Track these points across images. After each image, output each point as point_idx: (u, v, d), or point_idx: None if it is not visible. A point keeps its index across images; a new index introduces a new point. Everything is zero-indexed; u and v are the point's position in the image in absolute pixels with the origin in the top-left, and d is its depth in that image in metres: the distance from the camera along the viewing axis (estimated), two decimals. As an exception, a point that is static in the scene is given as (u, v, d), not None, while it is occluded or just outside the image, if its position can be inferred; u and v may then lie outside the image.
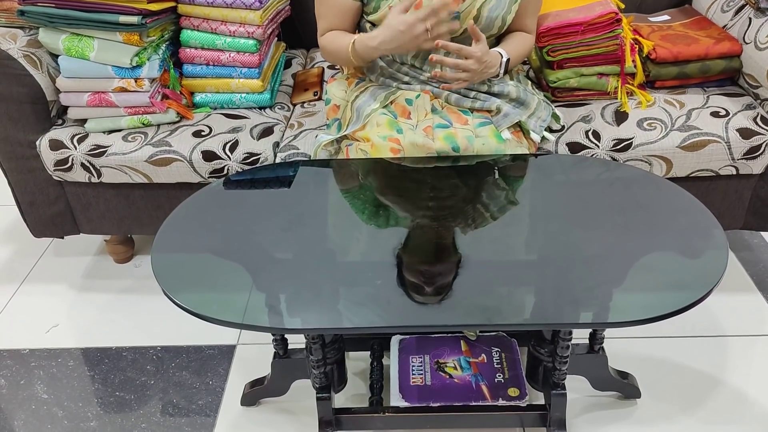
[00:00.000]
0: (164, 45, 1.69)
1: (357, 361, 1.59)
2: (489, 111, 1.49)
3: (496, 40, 1.57)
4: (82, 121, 1.70)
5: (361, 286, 1.13)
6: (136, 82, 1.63)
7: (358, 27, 1.57)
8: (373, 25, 1.52)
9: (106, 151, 1.64)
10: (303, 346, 1.41)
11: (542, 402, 1.40)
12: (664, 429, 1.43)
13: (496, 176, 1.39)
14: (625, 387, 1.47)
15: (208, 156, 1.62)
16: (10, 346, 1.72)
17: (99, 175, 1.67)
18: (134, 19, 1.55)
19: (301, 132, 1.68)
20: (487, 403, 1.37)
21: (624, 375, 1.48)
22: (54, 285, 1.93)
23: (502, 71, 1.49)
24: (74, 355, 1.69)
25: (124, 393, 1.57)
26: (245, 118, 1.73)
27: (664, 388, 1.51)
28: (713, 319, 1.69)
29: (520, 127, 1.52)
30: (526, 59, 1.79)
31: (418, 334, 1.52)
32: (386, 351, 1.52)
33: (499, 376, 1.42)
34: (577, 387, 1.47)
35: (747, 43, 1.65)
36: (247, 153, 1.62)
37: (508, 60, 1.49)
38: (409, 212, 1.29)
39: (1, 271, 2.00)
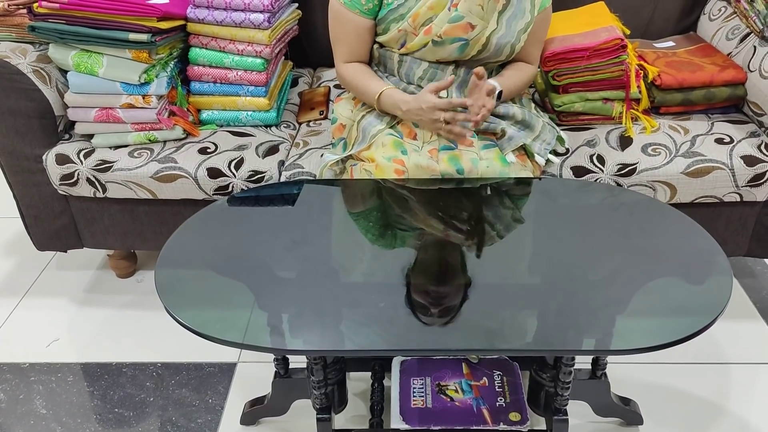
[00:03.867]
0: (172, 62, 1.71)
1: (358, 381, 1.58)
2: (494, 133, 1.50)
3: (500, 67, 1.58)
4: (89, 137, 1.71)
5: (363, 308, 1.12)
6: (143, 98, 1.64)
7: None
8: (381, 46, 1.53)
9: (112, 166, 1.65)
10: (304, 365, 1.40)
11: (544, 427, 1.39)
12: (667, 457, 1.42)
13: (500, 199, 1.39)
14: (627, 413, 1.46)
15: (214, 173, 1.63)
16: (10, 359, 1.72)
17: (104, 190, 1.68)
18: (144, 37, 1.56)
19: (306, 151, 1.69)
20: (488, 428, 1.36)
21: (626, 401, 1.47)
22: (56, 299, 1.92)
23: (494, 102, 1.49)
24: (74, 370, 1.68)
25: (123, 410, 1.56)
26: (251, 135, 1.74)
27: (666, 415, 1.50)
28: (716, 346, 1.68)
29: (524, 150, 1.52)
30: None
31: (420, 356, 1.51)
32: (387, 372, 1.51)
33: (501, 400, 1.41)
34: (578, 412, 1.46)
35: (752, 71, 1.66)
36: (252, 171, 1.63)
37: (500, 92, 1.49)
38: (412, 234, 1.29)
39: (3, 283, 2.00)
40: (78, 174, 1.66)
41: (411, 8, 1.45)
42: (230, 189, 1.64)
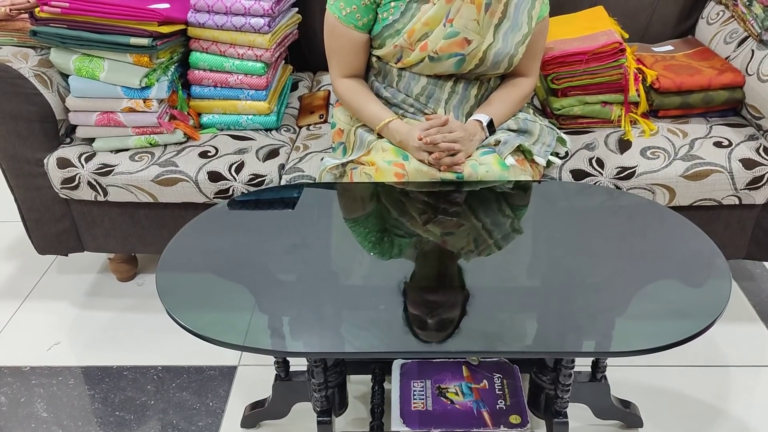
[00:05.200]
0: (173, 66, 1.71)
1: (358, 384, 1.59)
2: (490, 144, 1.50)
3: (499, 79, 1.59)
4: (90, 140, 1.72)
5: (363, 310, 1.13)
6: (144, 102, 1.64)
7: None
8: (379, 59, 1.54)
9: (113, 170, 1.65)
10: (305, 368, 1.40)
11: (544, 430, 1.39)
12: (666, 459, 1.42)
13: (500, 203, 1.40)
14: (627, 416, 1.46)
15: (214, 177, 1.63)
16: (12, 363, 1.72)
17: (105, 193, 1.68)
18: (145, 41, 1.57)
19: (306, 154, 1.70)
20: (489, 430, 1.36)
21: (626, 404, 1.47)
22: (56, 302, 1.93)
23: (487, 133, 1.49)
24: (75, 373, 1.68)
25: (124, 413, 1.57)
26: (251, 139, 1.74)
27: (666, 418, 1.50)
28: (716, 348, 1.68)
29: (523, 155, 1.53)
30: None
31: (420, 358, 1.51)
32: (387, 375, 1.52)
33: (501, 402, 1.41)
34: (579, 415, 1.47)
35: (750, 75, 1.67)
36: (253, 174, 1.63)
37: (491, 120, 1.49)
38: (411, 238, 1.29)
39: (4, 287, 2.01)
40: (79, 177, 1.67)
41: (406, 24, 1.45)
42: (231, 192, 1.64)
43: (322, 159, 1.62)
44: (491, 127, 1.50)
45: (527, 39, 1.48)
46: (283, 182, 1.63)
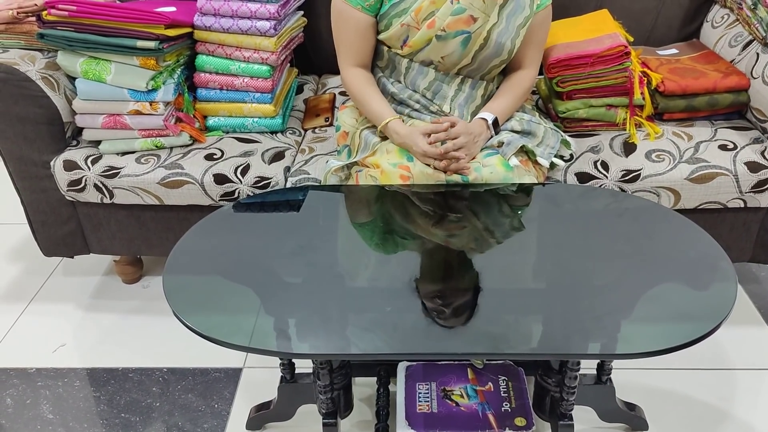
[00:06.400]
0: (179, 69, 1.72)
1: (363, 386, 1.59)
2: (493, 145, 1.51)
3: (502, 74, 1.60)
4: (97, 143, 1.73)
5: (369, 312, 1.13)
6: (151, 105, 1.65)
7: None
8: (388, 49, 1.54)
9: (119, 172, 1.66)
10: (310, 370, 1.41)
11: (549, 432, 1.40)
12: (672, 462, 1.42)
13: (505, 205, 1.40)
14: (632, 419, 1.46)
15: (220, 179, 1.64)
16: (17, 364, 1.73)
17: (111, 196, 1.69)
18: (151, 44, 1.58)
19: (312, 157, 1.70)
20: (494, 433, 1.37)
21: (631, 406, 1.47)
22: (62, 304, 1.93)
23: (492, 131, 1.50)
24: (80, 375, 1.69)
25: (130, 414, 1.57)
26: (257, 142, 1.75)
27: (671, 421, 1.50)
28: (721, 351, 1.68)
29: (527, 156, 1.53)
30: (534, 89, 1.81)
31: (425, 360, 1.51)
32: (393, 377, 1.52)
33: (506, 405, 1.42)
34: (584, 418, 1.46)
35: (755, 78, 1.67)
36: (258, 177, 1.64)
37: (496, 119, 1.51)
38: (416, 240, 1.30)
39: (10, 289, 2.01)
40: (85, 180, 1.68)
41: (413, 3, 1.46)
42: (236, 195, 1.65)
43: (327, 161, 1.63)
44: (496, 126, 1.51)
45: (528, 22, 1.49)
46: (288, 185, 1.64)
